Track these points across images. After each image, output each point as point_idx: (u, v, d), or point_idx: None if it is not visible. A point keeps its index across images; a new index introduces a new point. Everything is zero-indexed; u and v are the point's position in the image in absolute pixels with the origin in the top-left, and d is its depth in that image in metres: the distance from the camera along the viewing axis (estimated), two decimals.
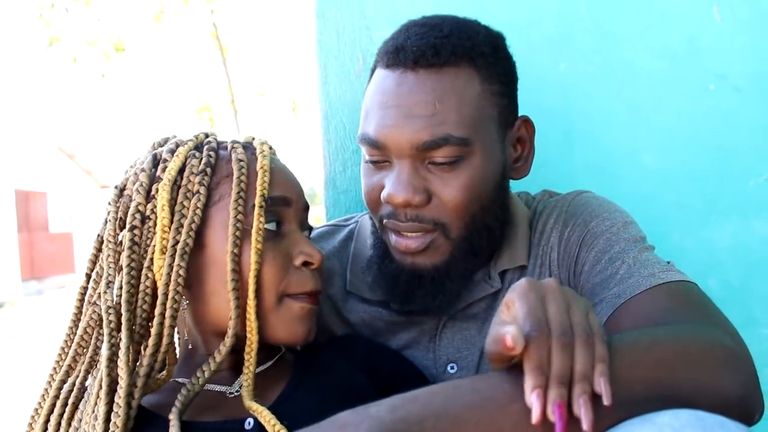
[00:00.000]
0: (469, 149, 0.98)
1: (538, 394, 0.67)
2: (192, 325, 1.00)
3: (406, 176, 0.98)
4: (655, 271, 0.94)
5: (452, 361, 1.10)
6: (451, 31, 1.00)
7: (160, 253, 0.94)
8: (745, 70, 1.38)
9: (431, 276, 1.02)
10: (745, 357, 0.79)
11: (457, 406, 0.70)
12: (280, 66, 17.19)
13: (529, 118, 1.08)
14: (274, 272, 0.96)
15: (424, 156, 0.98)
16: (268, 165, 0.99)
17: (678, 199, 1.40)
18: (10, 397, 5.46)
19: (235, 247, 0.94)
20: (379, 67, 1.03)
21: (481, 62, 1.00)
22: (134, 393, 0.88)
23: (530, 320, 0.69)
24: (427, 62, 0.97)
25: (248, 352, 0.95)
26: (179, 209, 0.95)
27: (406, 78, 0.98)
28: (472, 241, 1.02)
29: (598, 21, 1.41)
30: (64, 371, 0.96)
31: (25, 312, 12.04)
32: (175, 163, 0.98)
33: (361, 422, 0.69)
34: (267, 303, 0.96)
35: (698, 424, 0.66)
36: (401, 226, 1.01)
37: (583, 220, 1.06)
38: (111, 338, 0.90)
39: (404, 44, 0.99)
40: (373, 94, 1.02)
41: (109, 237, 0.97)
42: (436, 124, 0.96)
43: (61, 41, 12.08)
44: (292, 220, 1.01)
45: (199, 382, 0.93)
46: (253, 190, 0.97)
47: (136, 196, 0.97)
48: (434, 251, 1.01)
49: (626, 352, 0.73)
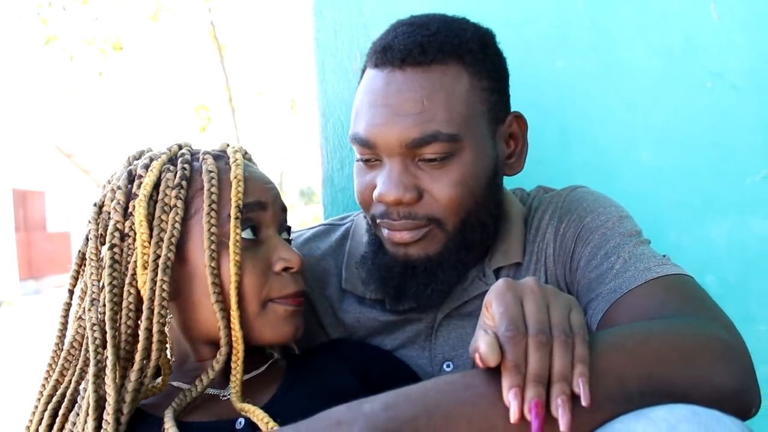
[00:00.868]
0: (458, 145, 0.98)
1: (515, 393, 0.67)
2: (180, 334, 1.00)
3: (396, 174, 0.99)
4: (651, 265, 0.94)
5: (448, 360, 1.11)
6: (439, 29, 1.00)
7: (142, 269, 0.94)
8: (741, 68, 1.38)
9: (423, 266, 1.02)
10: (742, 350, 0.79)
11: (450, 403, 0.70)
12: (278, 64, 17.17)
13: (521, 113, 1.08)
14: (254, 281, 0.97)
15: (413, 153, 0.98)
16: (241, 174, 0.99)
17: (675, 196, 1.40)
18: (8, 396, 5.45)
19: (212, 260, 0.94)
20: (368, 67, 1.04)
21: (470, 59, 1.00)
22: (123, 409, 0.88)
23: (505, 320, 0.69)
24: (414, 60, 0.98)
25: (235, 361, 0.96)
26: (157, 224, 0.95)
27: (394, 77, 0.98)
28: (466, 235, 1.03)
29: (595, 19, 1.41)
30: (52, 385, 0.96)
31: (22, 311, 12.02)
32: (149, 178, 0.97)
33: (355, 420, 0.68)
34: (250, 310, 0.97)
35: (694, 419, 0.66)
36: (394, 224, 1.01)
37: (578, 215, 1.06)
38: (96, 355, 0.90)
39: (392, 43, 1.00)
40: (363, 94, 1.02)
41: (90, 254, 0.97)
42: (425, 122, 0.96)
43: (59, 40, 12.06)
44: (270, 224, 1.01)
45: (197, 389, 0.94)
46: (227, 201, 0.97)
47: (114, 214, 0.97)
48: (429, 242, 1.02)
49: (620, 346, 0.73)
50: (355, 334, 1.15)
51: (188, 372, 1.00)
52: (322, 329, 1.17)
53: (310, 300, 1.16)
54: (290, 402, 0.96)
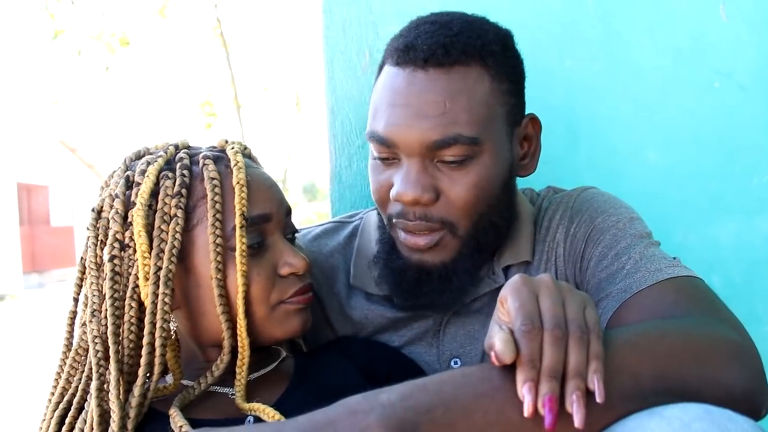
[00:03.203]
0: (478, 148, 0.98)
1: (529, 387, 0.67)
2: (187, 338, 1.00)
3: (415, 174, 0.98)
4: (662, 266, 0.94)
5: (456, 357, 1.11)
6: (461, 29, 0.99)
7: (143, 280, 0.91)
8: (749, 68, 1.38)
9: (438, 273, 1.02)
10: (752, 352, 0.79)
11: (467, 395, 0.70)
12: (284, 61, 17.17)
13: (536, 115, 1.08)
14: (261, 288, 0.95)
15: (433, 155, 0.98)
16: (244, 179, 0.96)
17: (682, 196, 1.40)
18: (12, 389, 5.47)
19: (219, 272, 0.93)
20: (388, 63, 1.02)
21: (491, 61, 0.99)
22: (127, 424, 0.87)
23: (521, 314, 0.70)
24: (438, 61, 0.97)
25: (240, 366, 0.95)
26: (157, 234, 0.92)
27: (417, 77, 0.97)
28: (479, 238, 1.03)
29: (605, 19, 1.41)
30: (59, 393, 0.96)
31: (26, 305, 12.05)
32: (146, 186, 0.93)
33: (372, 409, 0.69)
34: (259, 315, 0.96)
35: (707, 417, 0.66)
36: (410, 225, 1.00)
37: (589, 215, 1.06)
38: (99, 368, 0.88)
39: (414, 42, 0.98)
40: (382, 91, 1.01)
41: (90, 263, 0.94)
42: (447, 124, 0.96)
43: (66, 34, 12.08)
44: (275, 230, 0.99)
45: (201, 387, 0.94)
46: (230, 209, 0.94)
47: (113, 224, 0.93)
48: (442, 249, 1.01)
49: (635, 344, 0.74)
50: (363, 331, 1.15)
51: (197, 370, 0.99)
52: (329, 326, 1.17)
53: (318, 296, 1.16)
54: (299, 400, 0.96)
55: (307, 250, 1.14)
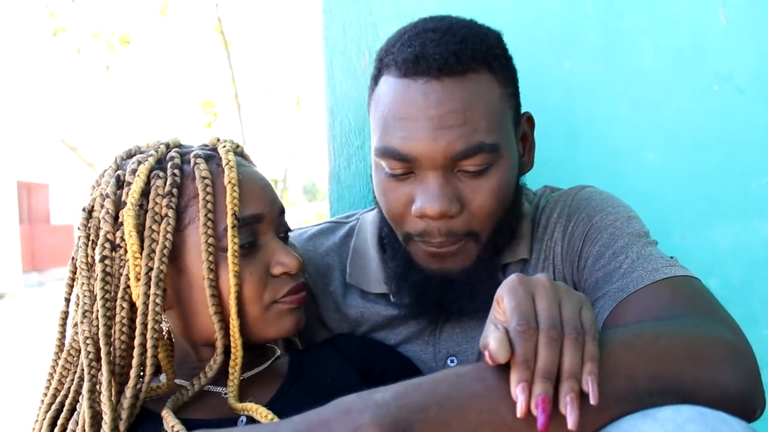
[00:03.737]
0: (498, 155, 0.97)
1: (523, 387, 0.67)
2: (180, 338, 0.99)
3: (439, 187, 0.96)
4: (659, 266, 0.94)
5: (452, 355, 1.11)
6: (465, 35, 0.98)
7: (135, 281, 0.91)
8: (748, 71, 1.38)
9: (461, 279, 1.02)
10: (748, 353, 0.79)
11: (461, 395, 0.70)
12: (284, 61, 17.16)
13: (529, 112, 1.09)
14: (254, 288, 0.95)
15: (455, 165, 0.96)
16: (235, 178, 0.94)
17: (680, 198, 1.40)
18: (11, 387, 5.47)
19: (211, 272, 0.92)
20: (390, 75, 0.98)
21: (496, 65, 0.99)
22: (119, 425, 0.86)
23: (517, 314, 0.69)
24: (451, 70, 0.94)
25: (233, 366, 0.95)
26: (148, 234, 0.91)
27: (431, 87, 0.94)
28: (497, 241, 1.03)
29: (604, 20, 1.41)
30: (52, 393, 0.95)
31: (25, 303, 12.05)
32: (137, 185, 0.92)
33: (366, 408, 0.68)
34: (252, 315, 0.96)
35: (700, 419, 0.66)
36: (433, 242, 0.99)
37: (587, 214, 1.06)
38: (91, 370, 0.88)
39: (423, 52, 0.95)
40: (392, 105, 0.97)
41: (81, 263, 0.93)
42: (469, 133, 0.94)
43: (66, 32, 12.08)
44: (267, 229, 0.98)
45: (194, 388, 0.94)
46: (222, 208, 0.93)
47: (104, 224, 0.92)
48: (464, 255, 1.01)
49: (630, 345, 0.73)
50: (359, 329, 1.15)
51: (190, 369, 0.99)
52: (323, 325, 1.17)
53: (313, 294, 1.16)
54: (293, 399, 0.96)
55: (302, 249, 1.14)
